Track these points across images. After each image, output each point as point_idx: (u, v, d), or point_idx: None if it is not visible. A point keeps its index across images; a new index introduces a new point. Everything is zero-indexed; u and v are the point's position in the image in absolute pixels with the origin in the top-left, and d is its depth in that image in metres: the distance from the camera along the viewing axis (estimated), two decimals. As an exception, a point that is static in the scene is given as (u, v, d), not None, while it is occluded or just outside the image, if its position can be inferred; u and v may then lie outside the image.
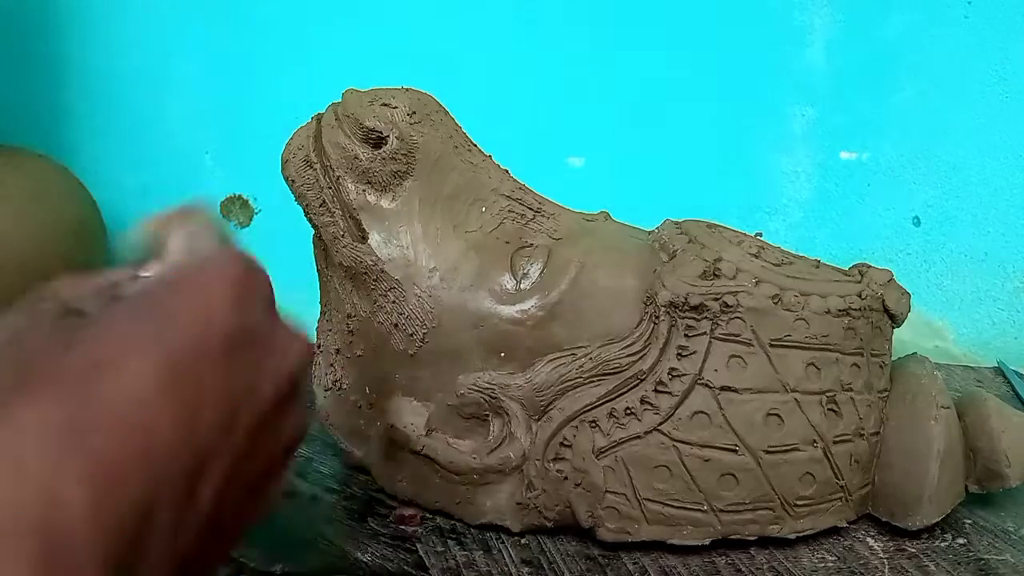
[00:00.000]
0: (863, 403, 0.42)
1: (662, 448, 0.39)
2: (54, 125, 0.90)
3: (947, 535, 0.43)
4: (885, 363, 0.44)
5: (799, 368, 0.40)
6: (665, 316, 0.40)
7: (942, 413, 0.42)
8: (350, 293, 0.43)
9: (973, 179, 0.75)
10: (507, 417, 0.41)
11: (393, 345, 0.42)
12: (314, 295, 0.47)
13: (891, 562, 0.41)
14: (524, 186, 0.46)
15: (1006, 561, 0.41)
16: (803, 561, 0.41)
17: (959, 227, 0.77)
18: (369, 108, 0.42)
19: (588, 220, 0.46)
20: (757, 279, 0.40)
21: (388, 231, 0.42)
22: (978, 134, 0.74)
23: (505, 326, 0.40)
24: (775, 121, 0.78)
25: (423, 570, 0.40)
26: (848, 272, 0.44)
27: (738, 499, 0.40)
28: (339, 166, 0.42)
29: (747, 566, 0.40)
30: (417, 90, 0.44)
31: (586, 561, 0.40)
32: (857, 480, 0.42)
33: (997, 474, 0.43)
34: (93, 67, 0.88)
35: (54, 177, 0.79)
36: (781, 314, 0.40)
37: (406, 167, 0.42)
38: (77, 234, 0.77)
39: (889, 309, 0.43)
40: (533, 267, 0.41)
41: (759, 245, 0.43)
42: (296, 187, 0.43)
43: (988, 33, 0.72)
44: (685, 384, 0.39)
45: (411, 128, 0.42)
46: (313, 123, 0.44)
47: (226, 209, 0.90)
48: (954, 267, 0.77)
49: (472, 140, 0.46)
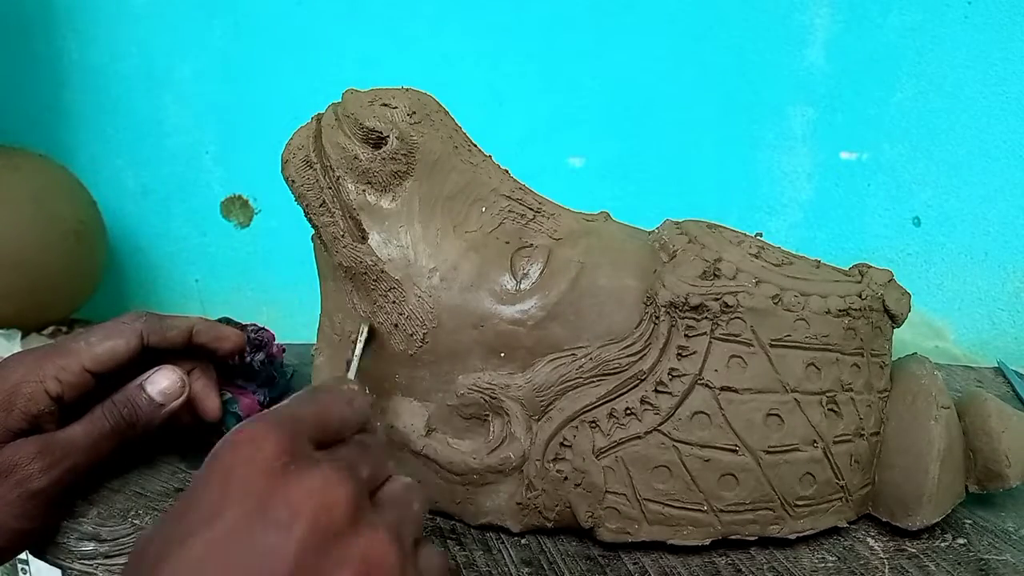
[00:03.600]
0: (863, 403, 0.42)
1: (662, 448, 0.39)
2: (54, 125, 0.90)
3: (947, 535, 0.43)
4: (885, 363, 0.44)
5: (799, 368, 0.40)
6: (665, 316, 0.40)
7: (942, 413, 0.42)
8: (350, 293, 0.43)
9: (973, 179, 0.75)
10: (507, 417, 0.41)
11: (393, 345, 0.42)
12: (314, 295, 0.47)
13: (891, 562, 0.41)
14: (524, 186, 0.46)
15: (1006, 561, 0.41)
16: (803, 561, 0.41)
17: (959, 227, 0.77)
18: (369, 108, 0.42)
19: (588, 220, 0.46)
20: (757, 279, 0.40)
21: (388, 231, 0.42)
22: (978, 134, 0.74)
23: (505, 326, 0.40)
24: (775, 121, 0.78)
25: (423, 570, 0.40)
26: (848, 272, 0.44)
27: (738, 499, 0.40)
28: (339, 166, 0.42)
29: (747, 566, 0.40)
30: (417, 90, 0.44)
31: (586, 561, 0.40)
32: (857, 480, 0.42)
33: (997, 474, 0.43)
34: (93, 67, 0.88)
35: (54, 177, 0.79)
36: (781, 314, 0.40)
37: (406, 167, 0.42)
38: (77, 234, 0.78)
39: (889, 309, 0.43)
40: (533, 267, 0.41)
41: (759, 245, 0.43)
42: (296, 187, 0.43)
43: (988, 33, 0.72)
44: (685, 384, 0.39)
45: (411, 128, 0.42)
46: (313, 123, 0.44)
47: (226, 209, 0.90)
48: (954, 267, 0.77)
49: (472, 140, 0.46)
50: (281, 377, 0.56)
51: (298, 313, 0.89)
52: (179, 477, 0.47)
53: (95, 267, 0.83)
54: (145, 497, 0.44)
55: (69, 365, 0.42)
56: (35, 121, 0.90)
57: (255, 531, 0.23)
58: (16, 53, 0.89)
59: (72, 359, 0.42)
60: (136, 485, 0.45)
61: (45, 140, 0.86)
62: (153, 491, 0.45)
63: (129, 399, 0.43)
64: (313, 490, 0.24)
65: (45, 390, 0.41)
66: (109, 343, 0.43)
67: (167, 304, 0.93)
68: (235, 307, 0.90)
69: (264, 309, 0.91)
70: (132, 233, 0.92)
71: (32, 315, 0.76)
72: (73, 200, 0.79)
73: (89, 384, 0.42)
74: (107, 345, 0.43)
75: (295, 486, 0.24)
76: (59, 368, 0.41)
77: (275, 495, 0.24)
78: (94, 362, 0.42)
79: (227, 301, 0.92)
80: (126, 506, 0.43)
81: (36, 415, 0.40)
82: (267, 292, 0.91)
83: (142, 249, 0.92)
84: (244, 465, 0.25)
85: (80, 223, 0.78)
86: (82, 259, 0.79)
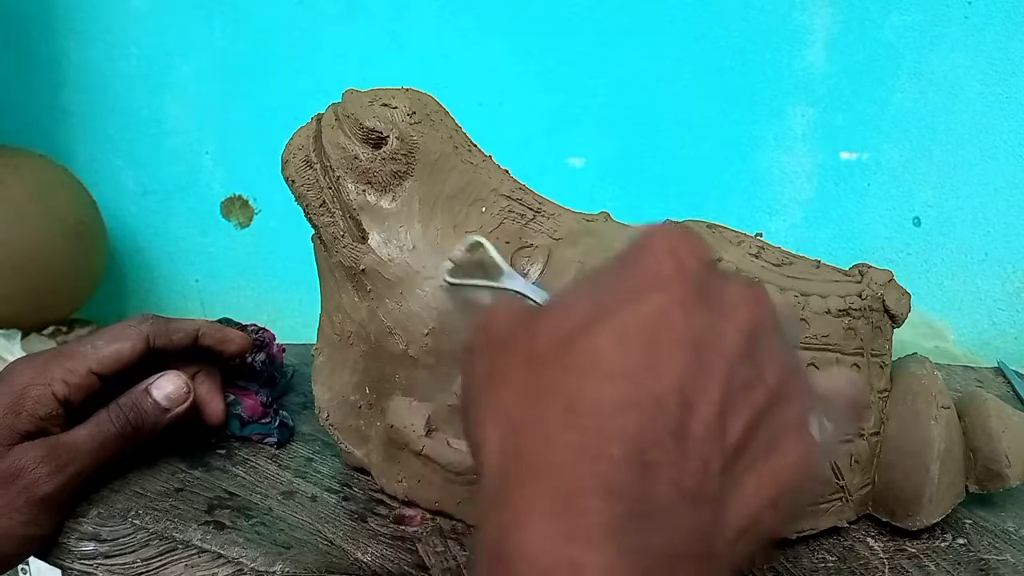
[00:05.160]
0: (863, 403, 0.42)
1: (662, 448, 0.39)
2: (54, 125, 0.90)
3: (947, 535, 0.43)
4: (885, 363, 0.44)
5: (799, 368, 0.40)
6: (665, 316, 0.40)
7: (942, 413, 0.42)
8: (350, 293, 0.43)
9: (973, 179, 0.75)
10: (507, 417, 0.41)
11: (393, 345, 0.42)
12: (314, 295, 0.47)
13: (891, 562, 0.41)
14: (524, 186, 0.46)
15: (1006, 561, 0.41)
16: (803, 561, 0.41)
17: (959, 227, 0.77)
18: (369, 108, 0.42)
19: (588, 220, 0.46)
20: (757, 279, 0.40)
21: (388, 231, 0.42)
22: (978, 134, 0.74)
23: (505, 326, 0.40)
24: (775, 121, 0.78)
25: (423, 570, 0.40)
26: (848, 272, 0.44)
27: (738, 499, 0.39)
28: (339, 166, 0.42)
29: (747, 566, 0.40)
30: (417, 90, 0.44)
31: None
32: (857, 480, 0.42)
33: (997, 474, 0.42)
34: (93, 67, 0.88)
35: (54, 177, 0.79)
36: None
37: (406, 167, 0.42)
38: (77, 234, 0.78)
39: (889, 309, 0.43)
40: (533, 267, 0.41)
41: (759, 245, 0.43)
42: (296, 187, 0.43)
43: (988, 33, 0.72)
44: (685, 384, 0.39)
45: (411, 128, 0.42)
46: (313, 123, 0.44)
47: (226, 209, 0.90)
48: (954, 267, 0.77)
49: (472, 140, 0.46)
50: (282, 377, 0.56)
51: (298, 313, 0.89)
52: (179, 477, 0.47)
53: (95, 267, 0.83)
54: (145, 497, 0.44)
55: (76, 368, 0.42)
56: (35, 121, 0.90)
57: (698, 313, 0.23)
58: (15, 53, 0.89)
59: (78, 362, 0.42)
60: (136, 485, 0.45)
61: (45, 140, 0.86)
62: (153, 491, 0.45)
63: (135, 403, 0.44)
64: (745, 294, 0.24)
65: (52, 393, 0.41)
66: (115, 346, 0.43)
67: (167, 304, 0.93)
68: (235, 307, 0.90)
69: (264, 309, 0.91)
70: (132, 233, 0.92)
71: (32, 315, 0.76)
72: (73, 200, 0.79)
73: (95, 386, 0.43)
74: (113, 348, 0.43)
75: (733, 285, 0.24)
76: (66, 371, 0.42)
77: (714, 287, 0.24)
78: (100, 365, 0.42)
79: (227, 301, 0.92)
80: (126, 506, 0.43)
81: (43, 418, 0.41)
82: (267, 292, 0.91)
83: (142, 249, 0.92)
84: (679, 257, 0.24)
85: (80, 223, 0.78)
86: (82, 259, 0.79)
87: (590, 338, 0.22)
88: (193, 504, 0.44)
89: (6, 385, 0.41)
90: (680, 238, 0.24)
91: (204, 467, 0.48)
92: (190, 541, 0.41)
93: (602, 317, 0.23)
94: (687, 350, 0.22)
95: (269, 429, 0.51)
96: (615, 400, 0.21)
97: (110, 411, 0.43)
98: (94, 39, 0.87)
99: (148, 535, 0.42)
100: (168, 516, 0.43)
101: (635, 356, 0.22)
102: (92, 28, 0.87)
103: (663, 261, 0.24)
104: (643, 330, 0.22)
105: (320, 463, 0.49)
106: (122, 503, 0.44)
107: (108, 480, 0.45)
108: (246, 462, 0.49)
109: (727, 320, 0.23)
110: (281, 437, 0.51)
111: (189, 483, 0.46)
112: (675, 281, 0.23)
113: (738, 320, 0.23)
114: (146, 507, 0.43)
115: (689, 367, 0.22)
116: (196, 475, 0.47)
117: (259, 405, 0.51)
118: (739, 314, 0.23)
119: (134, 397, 0.44)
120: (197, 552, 0.41)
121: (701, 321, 0.23)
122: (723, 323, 0.23)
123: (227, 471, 0.48)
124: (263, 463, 0.49)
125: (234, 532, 0.42)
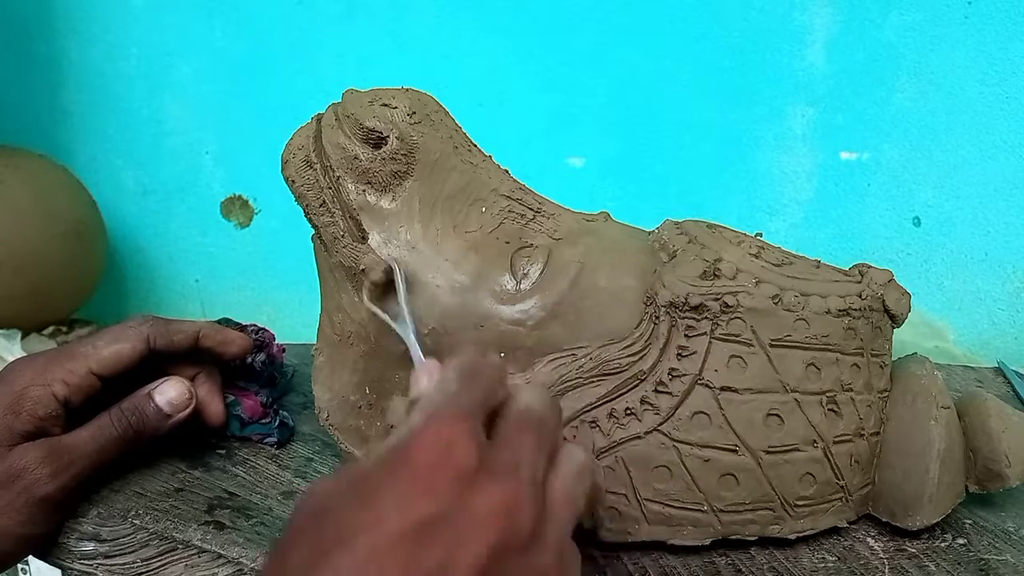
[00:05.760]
0: (863, 403, 0.42)
1: (662, 448, 0.39)
2: (54, 125, 0.90)
3: (947, 535, 0.43)
4: (885, 363, 0.44)
5: (799, 368, 0.40)
6: (665, 316, 0.40)
7: (942, 413, 0.42)
8: (350, 293, 0.43)
9: (973, 179, 0.75)
10: (507, 417, 0.41)
11: (393, 345, 0.42)
12: (314, 295, 0.47)
13: (891, 562, 0.41)
14: (524, 186, 0.46)
15: (1006, 561, 0.41)
16: (803, 561, 0.41)
17: (959, 227, 0.77)
18: (369, 108, 0.42)
19: (588, 220, 0.46)
20: (757, 279, 0.40)
21: (388, 231, 0.42)
22: (978, 134, 0.74)
23: (505, 326, 0.40)
24: (775, 121, 0.78)
25: (423, 570, 0.40)
26: (848, 272, 0.44)
27: (738, 499, 0.39)
28: (339, 166, 0.42)
29: (747, 566, 0.40)
30: (417, 90, 0.44)
31: (586, 561, 0.40)
32: (857, 480, 0.42)
33: (997, 474, 0.42)
34: (93, 67, 0.88)
35: (54, 177, 0.79)
36: (781, 314, 0.40)
37: (406, 167, 0.42)
38: (77, 234, 0.78)
39: (889, 309, 0.43)
40: (533, 267, 0.41)
41: (759, 245, 0.43)
42: (296, 187, 0.43)
43: (988, 33, 0.72)
44: (685, 384, 0.39)
45: (411, 128, 0.42)
46: (313, 123, 0.44)
47: (226, 209, 0.90)
48: (954, 267, 0.77)
49: (472, 140, 0.46)
50: (282, 377, 0.56)
51: (298, 313, 0.89)
52: (179, 477, 0.47)
53: (95, 267, 0.83)
54: (145, 497, 0.44)
55: (76, 369, 0.42)
56: (35, 121, 0.90)
57: (438, 539, 0.23)
58: (16, 53, 0.89)
59: (79, 363, 0.42)
60: (136, 485, 0.45)
61: (45, 140, 0.86)
62: (153, 491, 0.45)
63: (137, 407, 0.44)
64: (496, 506, 0.24)
65: (52, 393, 0.41)
66: (115, 347, 0.43)
67: (167, 304, 0.93)
68: (235, 307, 0.91)
69: (264, 309, 0.91)
70: (132, 233, 0.92)
71: (32, 315, 0.76)
72: (73, 200, 0.79)
73: (95, 388, 0.43)
74: (113, 349, 0.43)
75: (481, 496, 0.24)
76: (66, 372, 0.42)
77: (462, 506, 0.24)
78: (100, 366, 0.42)
79: (227, 301, 0.92)
80: (126, 506, 0.43)
81: (43, 418, 0.41)
82: (267, 292, 0.91)
83: (142, 249, 0.93)
84: (434, 469, 0.24)
85: (80, 223, 0.78)
86: (82, 259, 0.80)
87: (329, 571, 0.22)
88: (193, 504, 0.44)
89: (6, 385, 0.41)
90: (444, 443, 0.25)
91: (204, 467, 0.48)
92: (190, 541, 0.41)
93: (338, 550, 0.23)
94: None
95: (269, 429, 0.51)
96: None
97: (112, 414, 0.43)
98: (94, 39, 0.87)
99: (148, 535, 0.42)
100: (168, 516, 0.43)
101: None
102: (92, 28, 0.87)
103: (415, 477, 0.24)
104: (375, 560, 0.22)
105: (320, 463, 0.49)
106: (122, 503, 0.44)
107: (108, 480, 0.45)
108: (246, 462, 0.49)
109: (472, 547, 0.23)
110: (281, 437, 0.51)
111: (189, 483, 0.46)
112: (418, 504, 0.23)
113: (476, 547, 0.23)
114: (146, 507, 0.43)
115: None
116: (196, 475, 0.47)
117: (259, 405, 0.51)
118: (488, 533, 0.23)
119: (137, 401, 0.44)
120: (197, 552, 0.41)
121: (432, 557, 0.23)
122: (460, 552, 0.23)
123: (227, 471, 0.48)
124: (263, 463, 0.49)
125: (234, 532, 0.42)
